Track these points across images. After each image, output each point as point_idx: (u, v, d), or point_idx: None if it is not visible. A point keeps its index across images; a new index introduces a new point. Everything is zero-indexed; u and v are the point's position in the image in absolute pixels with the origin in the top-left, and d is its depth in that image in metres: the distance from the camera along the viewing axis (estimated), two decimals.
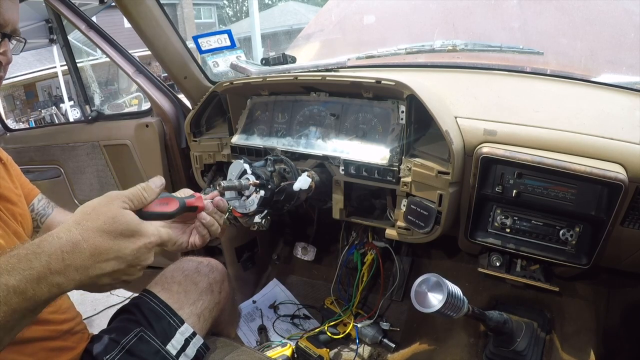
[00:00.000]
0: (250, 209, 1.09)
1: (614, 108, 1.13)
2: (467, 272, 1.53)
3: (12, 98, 11.94)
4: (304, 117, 1.29)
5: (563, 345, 1.27)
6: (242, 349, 1.03)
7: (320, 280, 1.90)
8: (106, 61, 4.58)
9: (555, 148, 0.96)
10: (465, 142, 1.02)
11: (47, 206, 1.04)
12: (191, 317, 0.98)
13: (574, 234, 1.00)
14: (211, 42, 1.38)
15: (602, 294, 1.36)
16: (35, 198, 1.02)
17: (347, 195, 1.25)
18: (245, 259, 1.86)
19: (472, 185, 1.03)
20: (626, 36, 1.44)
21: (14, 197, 0.87)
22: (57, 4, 1.57)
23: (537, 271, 1.18)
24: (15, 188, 0.90)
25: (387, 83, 1.05)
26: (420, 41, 1.34)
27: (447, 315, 0.90)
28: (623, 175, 0.89)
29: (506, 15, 1.68)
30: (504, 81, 1.36)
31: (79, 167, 1.89)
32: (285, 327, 1.72)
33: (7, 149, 1.00)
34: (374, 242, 1.60)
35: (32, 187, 1.02)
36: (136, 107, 6.94)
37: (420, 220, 1.08)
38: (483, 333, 1.36)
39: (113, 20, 5.72)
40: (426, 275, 0.90)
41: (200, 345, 0.95)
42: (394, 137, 1.13)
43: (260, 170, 1.12)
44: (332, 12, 2.30)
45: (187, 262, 1.10)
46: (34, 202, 1.01)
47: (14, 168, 0.95)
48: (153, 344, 0.88)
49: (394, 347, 1.53)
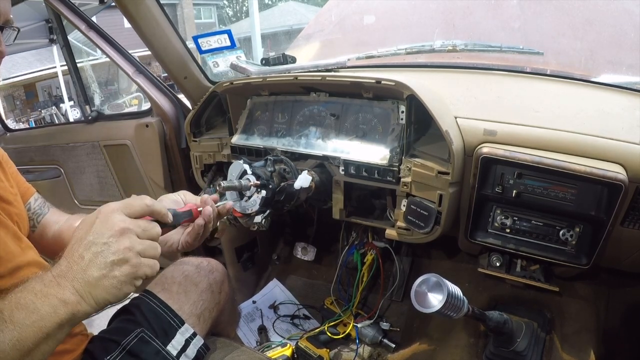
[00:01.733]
0: (252, 209, 1.09)
1: (614, 108, 1.13)
2: (467, 272, 1.53)
3: (12, 98, 11.94)
4: (304, 117, 1.29)
5: (563, 345, 1.26)
6: (242, 349, 1.02)
7: (320, 280, 1.89)
8: (106, 61, 4.58)
9: (555, 148, 0.96)
10: (465, 142, 1.02)
11: (42, 205, 1.02)
12: (191, 317, 0.98)
13: (574, 234, 1.00)
14: (211, 42, 1.38)
15: (602, 294, 1.36)
16: (32, 197, 1.00)
17: (347, 195, 1.25)
18: (245, 259, 1.86)
19: (472, 186, 1.03)
20: (626, 36, 1.44)
21: (10, 196, 0.86)
22: (57, 4, 1.57)
23: (537, 271, 1.18)
24: (11, 187, 0.89)
25: (387, 83, 1.05)
26: (420, 41, 1.35)
27: (447, 315, 0.90)
28: (623, 176, 0.89)
29: (506, 16, 1.68)
30: (504, 81, 1.36)
31: (79, 167, 1.89)
32: (285, 327, 1.72)
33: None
34: (374, 242, 1.60)
35: (28, 185, 1.00)
36: (136, 107, 6.94)
37: (420, 220, 1.08)
38: (483, 333, 1.36)
39: (113, 20, 5.71)
40: (426, 275, 0.90)
41: (200, 346, 0.95)
42: (394, 137, 1.13)
43: (260, 170, 1.11)
44: (332, 12, 2.30)
45: (187, 262, 1.10)
46: (30, 201, 0.99)
47: (9, 166, 0.93)
48: (153, 344, 0.88)
49: (394, 347, 1.53)
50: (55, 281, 0.58)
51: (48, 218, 1.00)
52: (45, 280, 0.58)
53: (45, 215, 1.00)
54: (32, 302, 0.56)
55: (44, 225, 0.99)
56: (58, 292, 0.57)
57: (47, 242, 0.97)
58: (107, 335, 0.90)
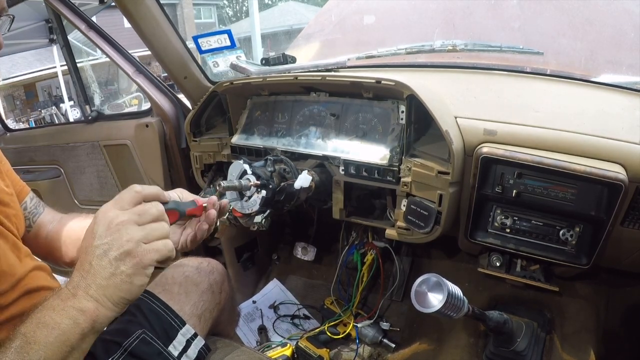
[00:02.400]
0: (252, 209, 1.09)
1: (614, 108, 1.13)
2: (467, 272, 1.53)
3: (12, 98, 11.94)
4: (304, 117, 1.29)
5: (563, 345, 1.27)
6: (242, 349, 1.02)
7: (320, 280, 1.89)
8: (106, 61, 4.58)
9: (555, 148, 0.96)
10: (465, 142, 1.02)
11: (38, 205, 1.00)
12: (192, 318, 0.98)
13: (574, 234, 1.00)
14: (211, 42, 1.38)
15: (602, 294, 1.36)
16: (27, 196, 0.98)
17: (347, 195, 1.25)
18: (245, 259, 1.86)
19: (472, 185, 1.03)
20: (626, 36, 1.44)
21: (6, 197, 0.85)
22: (57, 4, 1.57)
23: (537, 271, 1.18)
24: (7, 187, 0.87)
25: (387, 83, 1.05)
26: (420, 41, 1.34)
27: (447, 315, 0.90)
28: (623, 175, 0.89)
29: (506, 16, 1.68)
30: (504, 81, 1.36)
31: (79, 167, 1.89)
32: (285, 327, 1.72)
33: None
34: (374, 242, 1.60)
35: (23, 184, 0.98)
36: (136, 107, 6.94)
37: (420, 220, 1.08)
38: (483, 333, 1.36)
39: (113, 20, 5.71)
40: (426, 275, 0.90)
41: (201, 347, 0.95)
42: (394, 137, 1.13)
43: (260, 170, 1.11)
44: (332, 12, 2.30)
45: (187, 263, 1.10)
46: (26, 200, 0.97)
47: (4, 164, 0.92)
48: (155, 345, 0.88)
49: (394, 347, 1.53)
50: (71, 293, 0.59)
51: (43, 218, 0.99)
52: (62, 296, 0.59)
53: (40, 215, 0.99)
54: (52, 318, 0.57)
55: (39, 225, 0.97)
56: (75, 303, 0.58)
57: (41, 242, 0.97)
58: (109, 337, 0.89)
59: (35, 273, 0.83)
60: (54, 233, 0.97)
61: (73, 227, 0.96)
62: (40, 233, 0.97)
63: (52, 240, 0.96)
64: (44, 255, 0.97)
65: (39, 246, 0.95)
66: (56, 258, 0.96)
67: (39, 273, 0.85)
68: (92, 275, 0.59)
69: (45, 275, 0.87)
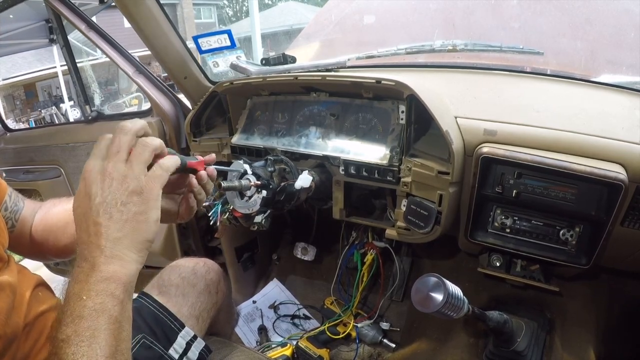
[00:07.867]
0: (253, 209, 1.09)
1: (614, 108, 1.13)
2: (467, 272, 1.53)
3: (12, 98, 11.95)
4: (304, 117, 1.29)
5: (563, 345, 1.27)
6: (242, 349, 1.03)
7: (320, 280, 1.89)
8: (106, 61, 4.58)
9: (556, 148, 0.96)
10: (465, 142, 1.02)
11: (17, 201, 0.88)
12: (190, 319, 0.98)
13: (574, 234, 1.00)
14: (211, 42, 1.37)
15: (602, 294, 1.36)
16: (6, 195, 0.86)
17: (347, 195, 1.25)
18: (245, 259, 1.86)
19: (472, 185, 1.03)
20: (626, 36, 1.44)
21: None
22: (57, 4, 1.57)
23: (537, 271, 1.17)
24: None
25: (387, 83, 1.05)
26: (420, 41, 1.34)
27: (447, 315, 0.90)
28: (623, 175, 0.89)
29: (506, 15, 1.68)
30: (504, 81, 1.36)
31: (79, 167, 1.89)
32: (285, 327, 1.72)
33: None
34: (374, 242, 1.60)
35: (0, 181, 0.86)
36: (136, 107, 6.95)
37: (420, 220, 1.08)
38: (483, 333, 1.36)
39: (113, 20, 5.71)
40: (426, 275, 0.90)
41: (202, 348, 0.95)
42: (394, 137, 1.13)
43: (260, 170, 1.11)
44: (332, 12, 2.30)
45: (183, 264, 1.10)
46: (5, 199, 0.85)
47: None
48: (156, 349, 0.88)
49: (394, 347, 1.53)
50: (89, 268, 0.53)
51: (25, 213, 0.89)
52: (80, 277, 0.53)
53: (21, 211, 0.88)
54: (84, 306, 0.52)
55: (22, 222, 0.88)
56: (97, 275, 0.52)
57: (28, 239, 0.88)
58: None
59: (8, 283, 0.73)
60: (38, 225, 0.89)
61: (57, 213, 0.89)
62: (24, 230, 0.88)
63: (39, 232, 0.89)
64: (33, 253, 0.90)
65: (27, 245, 0.88)
66: (47, 250, 0.88)
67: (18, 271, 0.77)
68: (104, 234, 0.53)
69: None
